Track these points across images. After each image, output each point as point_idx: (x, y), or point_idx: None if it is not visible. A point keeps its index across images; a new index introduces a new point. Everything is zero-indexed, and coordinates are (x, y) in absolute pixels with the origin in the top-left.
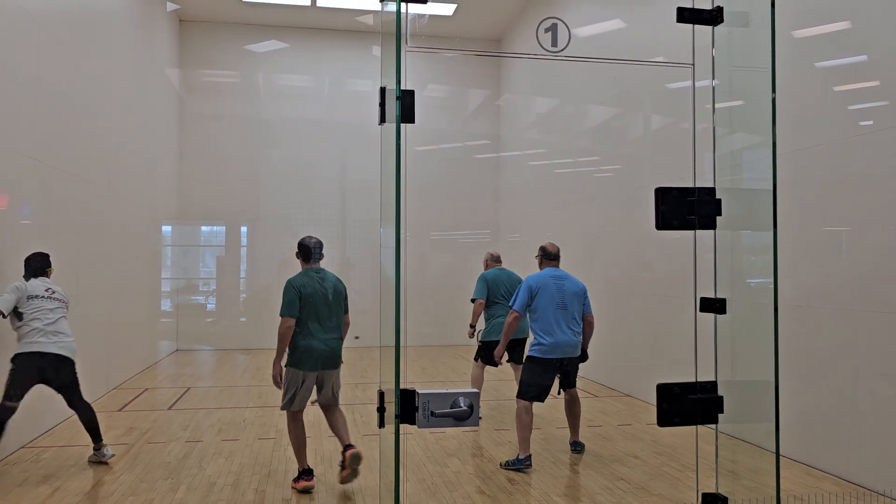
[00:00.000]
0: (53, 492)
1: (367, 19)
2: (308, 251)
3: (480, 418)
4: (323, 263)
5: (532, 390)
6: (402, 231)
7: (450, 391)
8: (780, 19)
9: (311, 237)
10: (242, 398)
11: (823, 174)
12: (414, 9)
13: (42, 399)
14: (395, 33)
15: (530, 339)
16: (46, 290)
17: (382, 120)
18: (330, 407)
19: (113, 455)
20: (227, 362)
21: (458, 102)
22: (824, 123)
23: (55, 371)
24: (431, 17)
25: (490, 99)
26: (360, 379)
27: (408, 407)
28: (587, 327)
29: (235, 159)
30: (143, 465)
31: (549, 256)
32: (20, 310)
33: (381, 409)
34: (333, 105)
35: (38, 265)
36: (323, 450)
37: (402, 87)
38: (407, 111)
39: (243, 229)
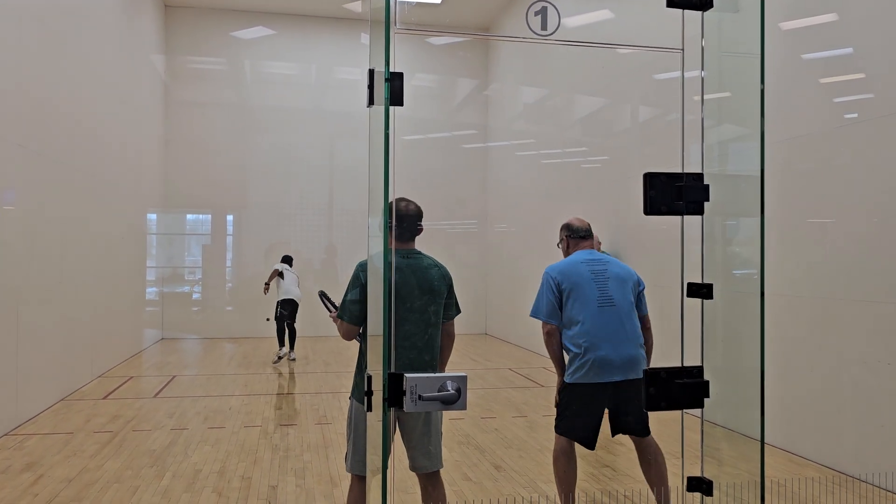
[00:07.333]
0: (37, 479)
1: (354, 6)
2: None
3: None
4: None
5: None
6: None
7: (437, 375)
8: (768, 11)
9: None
10: (228, 386)
11: (808, 166)
12: None
13: (26, 386)
14: (383, 13)
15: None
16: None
17: (371, 102)
18: None
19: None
20: (213, 351)
21: (446, 92)
22: (809, 115)
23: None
24: (420, 4)
25: (478, 88)
26: (346, 368)
27: (396, 390)
28: (646, 334)
29: (221, 147)
30: (129, 452)
31: (577, 234)
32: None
33: (369, 393)
34: (321, 92)
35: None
36: (309, 438)
37: (392, 69)
38: (396, 94)
39: (229, 217)
